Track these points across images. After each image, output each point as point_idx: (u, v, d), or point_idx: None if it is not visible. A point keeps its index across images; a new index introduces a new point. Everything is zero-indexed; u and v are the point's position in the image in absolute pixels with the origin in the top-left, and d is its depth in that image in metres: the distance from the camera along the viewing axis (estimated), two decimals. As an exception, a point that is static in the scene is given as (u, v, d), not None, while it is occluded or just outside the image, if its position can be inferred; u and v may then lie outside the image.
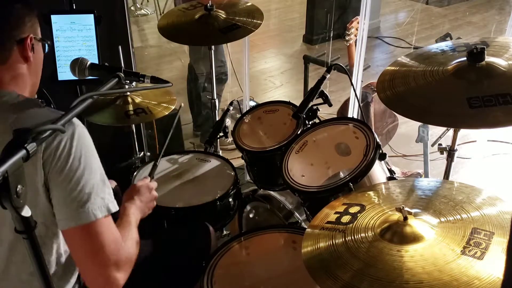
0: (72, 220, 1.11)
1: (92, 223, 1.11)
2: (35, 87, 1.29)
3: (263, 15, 2.30)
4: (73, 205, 1.10)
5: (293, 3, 6.61)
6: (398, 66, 1.60)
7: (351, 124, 1.73)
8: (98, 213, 1.12)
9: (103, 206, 1.14)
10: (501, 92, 1.33)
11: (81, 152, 1.12)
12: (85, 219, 1.11)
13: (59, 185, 1.11)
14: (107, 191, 1.17)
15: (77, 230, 1.12)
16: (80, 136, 1.13)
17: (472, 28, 5.58)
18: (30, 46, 1.20)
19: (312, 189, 1.59)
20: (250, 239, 1.63)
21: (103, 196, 1.15)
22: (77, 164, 1.11)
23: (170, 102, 2.20)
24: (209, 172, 2.03)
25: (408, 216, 1.16)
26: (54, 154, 1.09)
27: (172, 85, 1.36)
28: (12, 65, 1.19)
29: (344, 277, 1.08)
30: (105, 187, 1.17)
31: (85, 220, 1.11)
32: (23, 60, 1.20)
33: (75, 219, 1.11)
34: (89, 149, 1.15)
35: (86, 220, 1.11)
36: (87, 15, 1.98)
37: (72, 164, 1.10)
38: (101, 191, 1.15)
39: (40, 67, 1.29)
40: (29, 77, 1.24)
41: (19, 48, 1.19)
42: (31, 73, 1.24)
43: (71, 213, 1.11)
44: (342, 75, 2.91)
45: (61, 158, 1.09)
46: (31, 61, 1.22)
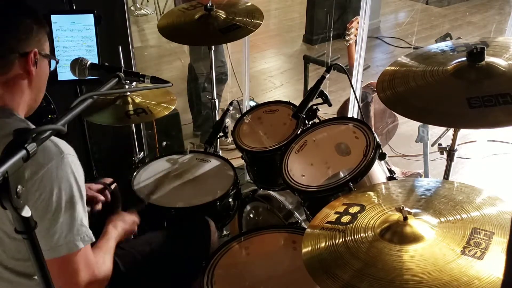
0: (54, 251, 1.13)
1: (72, 254, 1.14)
2: (35, 103, 1.27)
3: (263, 15, 2.30)
4: (55, 238, 1.12)
5: (293, 3, 6.61)
6: (398, 66, 1.60)
7: (351, 124, 1.72)
8: (80, 244, 1.14)
9: (86, 236, 1.16)
10: (501, 92, 1.33)
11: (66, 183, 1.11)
12: (67, 250, 1.13)
13: (40, 217, 1.10)
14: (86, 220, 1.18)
15: (57, 261, 1.13)
16: (68, 167, 1.12)
17: (472, 28, 5.59)
18: (33, 61, 1.19)
19: (312, 189, 1.59)
20: (250, 239, 1.63)
21: (86, 225, 1.16)
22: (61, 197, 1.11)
23: (170, 102, 2.20)
24: (209, 172, 2.03)
25: (408, 216, 1.16)
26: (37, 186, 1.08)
27: (172, 85, 1.36)
28: (12, 78, 1.18)
29: (344, 277, 1.08)
30: (86, 216, 1.18)
31: (67, 251, 1.13)
32: (24, 74, 1.19)
33: (57, 251, 1.13)
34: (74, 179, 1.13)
35: (68, 251, 1.13)
36: (87, 15, 1.98)
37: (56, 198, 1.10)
38: (85, 220, 1.16)
39: (43, 83, 1.27)
40: (28, 92, 1.22)
41: (21, 61, 1.17)
42: (31, 88, 1.22)
43: (52, 245, 1.12)
44: (342, 75, 2.90)
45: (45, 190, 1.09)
46: (33, 76, 1.20)
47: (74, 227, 1.13)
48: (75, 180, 1.13)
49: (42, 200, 1.09)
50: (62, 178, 1.10)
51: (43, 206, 1.09)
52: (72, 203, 1.13)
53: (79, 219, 1.14)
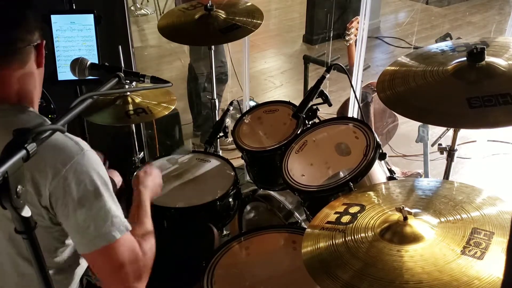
0: (92, 245, 1.11)
1: (111, 244, 1.12)
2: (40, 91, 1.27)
3: (263, 15, 2.30)
4: (90, 231, 1.10)
5: (293, 3, 6.61)
6: (398, 66, 1.60)
7: (351, 124, 1.72)
8: (117, 234, 1.12)
9: (121, 226, 1.14)
10: (501, 92, 1.33)
11: (92, 178, 1.11)
12: (104, 242, 1.11)
13: (72, 214, 1.10)
14: (118, 209, 1.16)
15: (96, 254, 1.12)
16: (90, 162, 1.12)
17: (472, 28, 5.59)
18: (42, 52, 1.21)
19: (312, 188, 1.59)
20: (250, 239, 1.63)
21: (118, 215, 1.14)
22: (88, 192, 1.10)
23: (170, 102, 2.20)
24: (209, 172, 2.03)
25: (408, 216, 1.16)
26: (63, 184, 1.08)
27: (172, 85, 1.36)
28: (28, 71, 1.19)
29: (344, 277, 1.08)
30: (117, 206, 1.16)
31: (104, 243, 1.11)
32: (36, 65, 1.21)
33: (95, 244, 1.11)
34: (98, 173, 1.14)
35: (105, 242, 1.11)
36: (87, 15, 1.98)
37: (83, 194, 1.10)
38: (117, 211, 1.14)
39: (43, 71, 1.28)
40: (38, 85, 1.24)
41: (35, 53, 1.19)
42: (39, 78, 1.24)
43: (89, 239, 1.11)
44: (342, 75, 2.91)
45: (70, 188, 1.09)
46: (42, 66, 1.22)
47: (108, 218, 1.12)
48: (98, 173, 1.13)
49: (70, 197, 1.09)
50: (87, 173, 1.10)
51: (73, 203, 1.09)
52: (101, 196, 1.12)
53: (111, 210, 1.13)
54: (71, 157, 1.10)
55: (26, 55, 1.17)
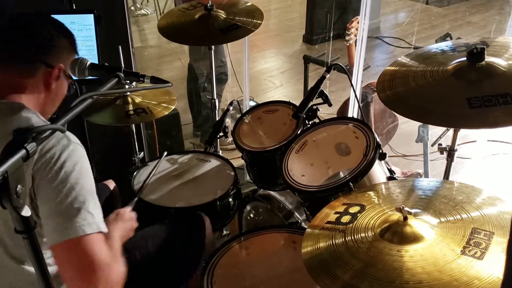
0: (60, 234, 1.06)
1: (81, 238, 1.06)
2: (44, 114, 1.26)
3: (263, 15, 2.30)
4: (60, 219, 1.07)
5: (293, 3, 6.61)
6: (398, 66, 1.60)
7: (351, 124, 1.72)
8: (87, 229, 1.07)
9: (93, 223, 1.09)
10: (501, 92, 1.33)
11: (74, 167, 1.10)
12: (73, 234, 1.06)
13: (48, 197, 1.08)
14: (99, 211, 1.13)
15: (64, 245, 1.07)
16: (75, 153, 1.12)
17: (472, 28, 5.59)
18: (56, 76, 1.23)
19: (312, 188, 1.59)
20: (250, 239, 1.63)
21: (94, 214, 1.10)
22: (67, 178, 1.08)
23: (170, 102, 2.20)
24: (209, 172, 2.03)
25: (408, 216, 1.16)
26: (45, 166, 1.08)
27: (172, 85, 1.36)
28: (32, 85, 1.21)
29: (344, 277, 1.08)
30: (96, 206, 1.13)
31: (74, 234, 1.06)
32: (43, 85, 1.23)
33: (63, 234, 1.06)
34: (82, 167, 1.12)
35: (74, 234, 1.06)
36: (87, 15, 1.98)
37: (63, 177, 1.08)
38: (93, 209, 1.11)
39: (58, 101, 1.30)
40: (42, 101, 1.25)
41: (45, 73, 1.22)
42: (47, 100, 1.26)
43: (58, 227, 1.07)
44: (342, 75, 2.91)
45: (51, 171, 1.08)
46: (52, 90, 1.24)
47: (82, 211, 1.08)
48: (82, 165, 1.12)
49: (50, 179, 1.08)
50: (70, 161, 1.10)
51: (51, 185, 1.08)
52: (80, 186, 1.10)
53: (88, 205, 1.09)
54: (59, 142, 1.10)
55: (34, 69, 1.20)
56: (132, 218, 1.56)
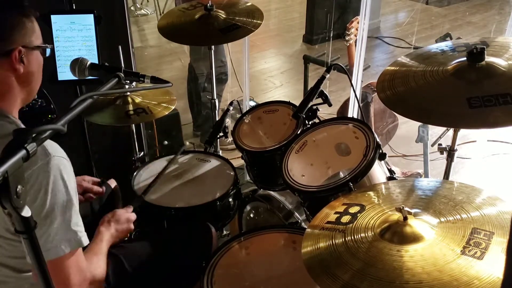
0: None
1: (60, 258, 1.10)
2: (29, 95, 1.24)
3: (263, 15, 2.30)
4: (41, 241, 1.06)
5: (293, 3, 6.61)
6: (398, 66, 1.60)
7: (351, 124, 1.72)
8: (67, 248, 1.10)
9: (74, 240, 1.12)
10: (501, 92, 1.33)
11: (54, 186, 1.08)
12: (54, 255, 1.09)
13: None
14: (80, 223, 1.14)
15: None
16: (55, 169, 1.09)
17: (472, 28, 5.59)
18: (17, 58, 1.15)
19: (312, 188, 1.59)
20: (250, 239, 1.63)
21: (75, 229, 1.12)
22: (47, 198, 1.08)
23: (170, 102, 2.20)
24: (209, 172, 2.03)
25: (408, 216, 1.16)
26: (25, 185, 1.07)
27: (172, 85, 1.36)
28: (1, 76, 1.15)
29: (344, 277, 1.08)
30: (78, 218, 1.14)
31: (54, 255, 1.09)
32: (10, 72, 1.16)
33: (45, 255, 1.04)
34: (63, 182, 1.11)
35: (55, 255, 1.09)
36: (87, 15, 1.98)
37: (43, 198, 1.08)
38: (74, 224, 1.12)
39: (36, 75, 1.24)
40: (19, 88, 1.19)
41: (4, 61, 1.14)
42: (21, 83, 1.19)
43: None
44: (342, 75, 2.91)
45: (31, 191, 1.06)
46: (21, 72, 1.17)
47: (61, 230, 1.10)
48: (63, 182, 1.11)
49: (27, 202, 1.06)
50: (48, 181, 1.08)
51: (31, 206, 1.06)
52: (60, 207, 1.10)
53: (68, 222, 1.11)
54: (35, 162, 1.07)
55: None
56: (129, 220, 1.56)
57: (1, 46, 1.13)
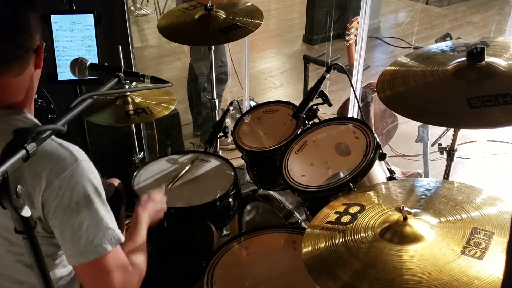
0: (83, 256, 1.10)
1: (102, 257, 1.11)
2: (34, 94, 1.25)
3: (263, 15, 2.30)
4: (81, 243, 1.09)
5: (293, 3, 6.61)
6: (398, 66, 1.60)
7: (351, 124, 1.72)
8: (108, 247, 1.11)
9: (113, 238, 1.13)
10: (501, 92, 1.33)
11: (85, 190, 1.09)
12: (96, 255, 1.10)
13: (63, 225, 1.09)
14: (113, 220, 1.15)
15: (86, 266, 1.11)
16: (84, 173, 1.10)
17: (472, 28, 5.59)
18: (42, 54, 1.18)
19: (312, 188, 1.59)
20: (250, 239, 1.63)
21: (112, 227, 1.13)
22: (80, 202, 1.09)
23: (170, 102, 2.20)
24: (209, 172, 2.03)
25: (408, 216, 1.16)
26: (55, 194, 1.07)
27: (172, 85, 1.36)
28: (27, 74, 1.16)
29: (344, 277, 1.08)
30: (112, 218, 1.15)
31: (96, 255, 1.10)
32: (34, 67, 1.18)
33: (86, 256, 1.09)
34: (92, 184, 1.12)
35: (96, 255, 1.10)
36: (87, 15, 1.98)
37: (75, 204, 1.08)
38: (110, 222, 1.13)
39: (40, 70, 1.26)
40: (36, 81, 1.22)
41: (35, 57, 1.16)
42: (37, 78, 1.22)
43: (80, 250, 1.09)
44: (342, 75, 2.91)
45: (64, 197, 1.07)
46: (40, 68, 1.20)
47: (100, 230, 1.11)
48: (93, 184, 1.11)
49: (62, 208, 1.07)
50: (79, 185, 1.09)
51: (64, 213, 1.08)
52: (94, 207, 1.10)
53: (104, 221, 1.12)
54: (65, 168, 1.08)
55: (26, 60, 1.14)
56: (163, 201, 1.59)
57: (33, 43, 1.15)
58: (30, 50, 1.14)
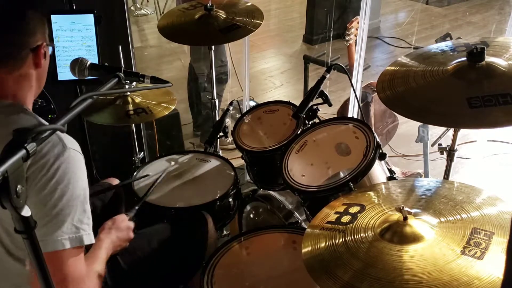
0: (43, 245, 1.04)
1: (59, 252, 1.08)
2: (39, 90, 1.28)
3: (263, 15, 2.30)
4: (43, 230, 1.07)
5: (293, 3, 6.61)
6: (398, 66, 1.60)
7: (351, 124, 1.72)
8: (67, 243, 1.08)
9: (75, 236, 1.10)
10: (501, 92, 1.33)
11: (64, 177, 1.08)
12: (51, 247, 1.07)
13: (35, 205, 1.07)
14: (85, 222, 1.13)
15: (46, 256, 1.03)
16: (69, 161, 1.10)
17: (472, 28, 5.58)
18: (42, 54, 1.19)
19: (312, 188, 1.59)
20: (250, 239, 1.63)
21: (79, 226, 1.11)
22: (56, 188, 1.08)
23: (170, 102, 2.20)
24: (209, 172, 2.03)
25: (408, 216, 1.16)
26: (37, 173, 1.06)
27: (172, 85, 1.36)
28: (24, 72, 1.17)
29: (344, 277, 1.08)
30: (84, 217, 1.13)
31: (52, 248, 1.07)
32: (34, 66, 1.19)
33: (43, 245, 1.03)
34: (73, 177, 1.11)
35: (52, 248, 1.07)
36: (87, 15, 1.98)
37: (52, 188, 1.07)
38: (78, 221, 1.11)
39: (46, 71, 1.28)
40: (36, 83, 1.23)
41: (33, 56, 1.17)
42: (38, 78, 1.23)
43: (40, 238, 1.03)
44: (342, 75, 2.91)
45: (42, 179, 1.07)
46: (41, 67, 1.21)
47: (65, 224, 1.09)
48: (75, 177, 1.11)
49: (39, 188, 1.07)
50: (61, 171, 1.08)
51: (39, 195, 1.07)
52: (69, 200, 1.09)
53: (73, 217, 1.10)
54: (51, 149, 1.08)
55: (21, 59, 1.15)
56: (129, 228, 1.52)
57: (31, 42, 1.16)
58: (26, 48, 1.15)
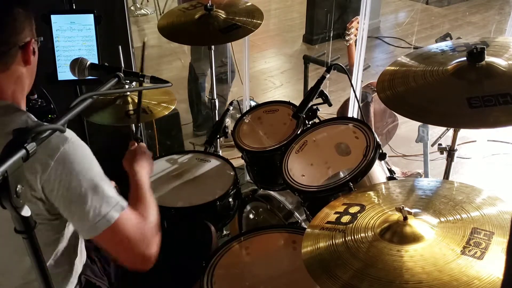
0: (94, 230, 1.13)
1: (112, 225, 1.14)
2: (29, 88, 1.28)
3: (263, 15, 2.30)
4: (89, 218, 1.12)
5: (293, 3, 6.61)
6: (398, 66, 1.60)
7: (351, 124, 1.72)
8: (114, 215, 1.14)
9: (117, 205, 1.16)
10: (501, 92, 1.33)
11: (80, 165, 1.12)
12: (105, 225, 1.13)
13: (69, 203, 1.12)
14: (112, 190, 1.18)
15: (101, 236, 1.14)
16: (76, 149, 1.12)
17: (472, 28, 5.58)
18: (31, 50, 1.19)
19: (312, 188, 1.59)
20: (250, 239, 1.63)
21: (112, 195, 1.16)
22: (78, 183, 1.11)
23: (170, 102, 2.20)
24: (209, 172, 2.03)
25: (408, 216, 1.16)
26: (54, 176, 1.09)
27: (172, 85, 1.36)
28: (13, 70, 1.18)
29: (344, 277, 1.08)
30: (110, 187, 1.17)
31: (106, 225, 1.13)
32: (23, 63, 1.19)
33: (97, 229, 1.13)
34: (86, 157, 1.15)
35: (106, 225, 1.13)
36: (87, 15, 1.98)
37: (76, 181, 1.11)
38: (109, 192, 1.16)
39: (35, 68, 1.27)
40: (26, 80, 1.23)
41: (22, 53, 1.18)
42: (28, 74, 1.23)
43: (90, 224, 1.13)
44: (342, 75, 2.91)
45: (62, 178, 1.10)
46: (30, 64, 1.21)
47: (103, 200, 1.13)
48: (87, 159, 1.15)
49: (63, 187, 1.10)
50: (75, 162, 1.11)
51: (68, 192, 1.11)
52: (93, 181, 1.13)
53: (105, 191, 1.15)
54: (57, 148, 1.10)
55: (10, 57, 1.15)
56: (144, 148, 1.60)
57: (19, 39, 1.16)
58: (15, 46, 1.15)
